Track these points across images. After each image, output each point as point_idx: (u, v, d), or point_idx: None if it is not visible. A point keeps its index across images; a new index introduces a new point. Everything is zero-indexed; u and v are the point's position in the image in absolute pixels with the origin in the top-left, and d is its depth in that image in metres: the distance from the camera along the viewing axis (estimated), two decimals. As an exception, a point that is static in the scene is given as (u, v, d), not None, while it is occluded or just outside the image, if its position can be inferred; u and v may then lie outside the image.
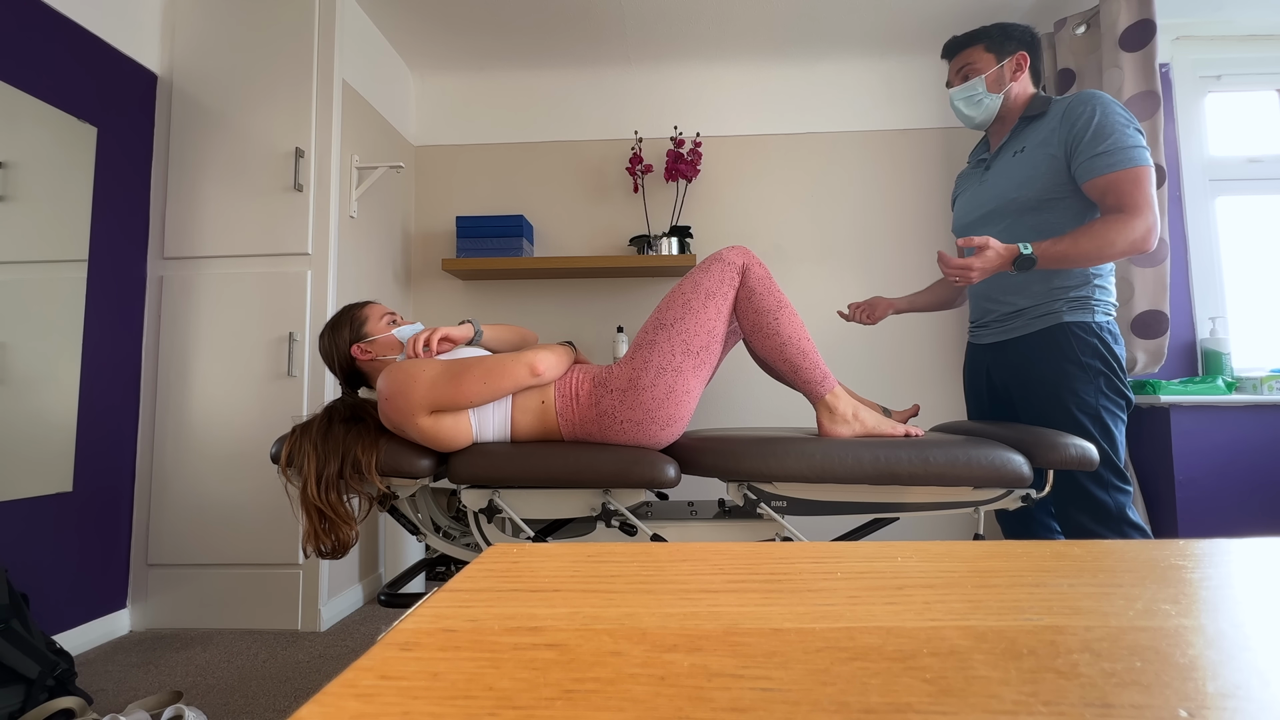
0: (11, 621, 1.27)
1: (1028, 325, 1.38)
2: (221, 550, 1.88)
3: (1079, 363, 1.31)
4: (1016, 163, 1.38)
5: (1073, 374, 1.31)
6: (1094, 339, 1.31)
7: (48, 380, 1.63)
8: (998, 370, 1.47)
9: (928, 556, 0.32)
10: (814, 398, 1.28)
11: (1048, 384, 1.33)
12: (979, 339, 1.52)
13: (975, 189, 1.49)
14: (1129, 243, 1.23)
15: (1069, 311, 1.33)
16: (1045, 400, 1.34)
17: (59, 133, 1.67)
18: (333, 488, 1.18)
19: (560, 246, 2.65)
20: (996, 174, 1.42)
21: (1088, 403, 1.30)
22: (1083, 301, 1.33)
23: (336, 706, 0.18)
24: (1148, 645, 0.21)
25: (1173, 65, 2.39)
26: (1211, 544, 0.34)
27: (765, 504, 1.22)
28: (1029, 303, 1.37)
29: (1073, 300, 1.33)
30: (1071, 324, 1.32)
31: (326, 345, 1.34)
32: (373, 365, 1.32)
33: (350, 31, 2.17)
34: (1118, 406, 1.31)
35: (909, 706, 0.17)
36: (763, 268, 1.26)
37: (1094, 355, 1.30)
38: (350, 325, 1.32)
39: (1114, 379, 1.31)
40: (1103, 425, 1.29)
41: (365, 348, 1.31)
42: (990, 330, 1.48)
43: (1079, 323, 1.32)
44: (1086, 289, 1.33)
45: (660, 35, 2.46)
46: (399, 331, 1.33)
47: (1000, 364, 1.46)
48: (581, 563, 0.32)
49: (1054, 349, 1.33)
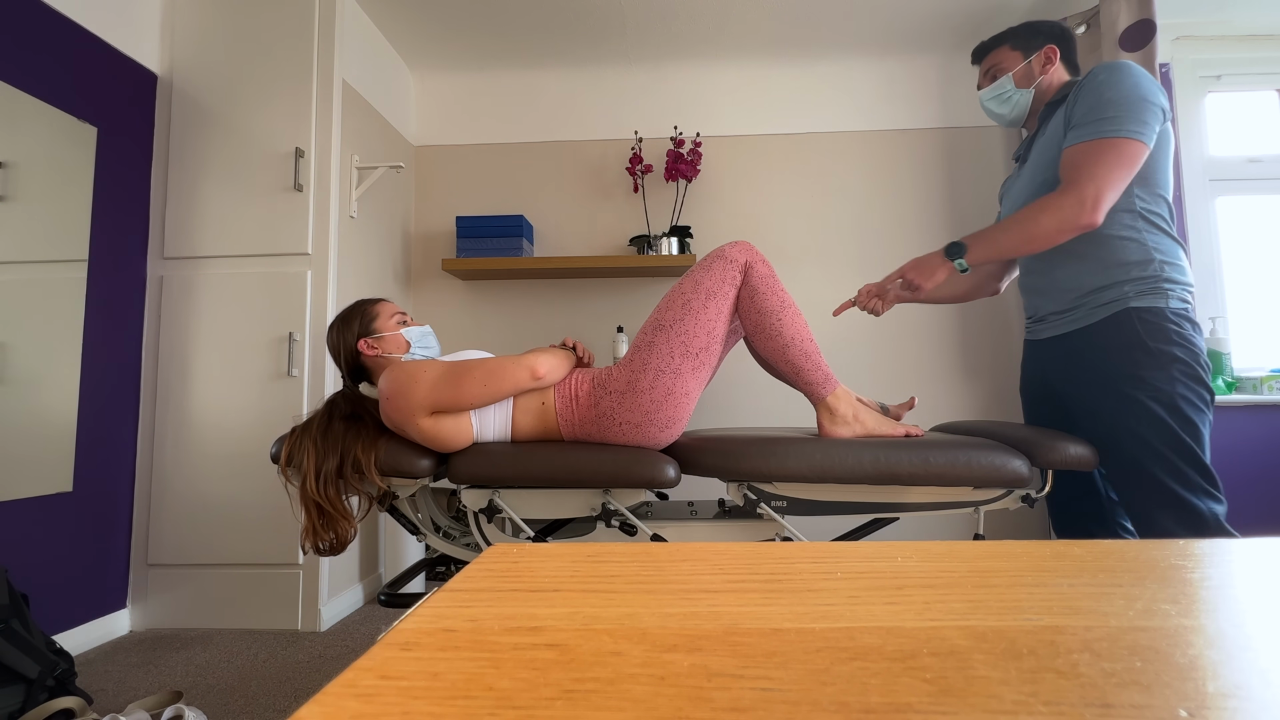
0: (11, 621, 1.27)
1: (1090, 315, 1.22)
2: (221, 550, 1.88)
3: (1147, 348, 1.14)
4: (1039, 149, 1.29)
5: (1140, 359, 1.14)
6: (1168, 325, 1.14)
7: (48, 380, 1.63)
8: (1054, 366, 1.32)
9: (928, 556, 0.32)
10: (815, 399, 1.28)
11: (1112, 373, 1.17)
12: (1036, 334, 1.38)
13: (1013, 186, 1.42)
14: (1057, 221, 1.13)
15: (1136, 296, 1.17)
16: (1109, 392, 1.17)
17: (59, 133, 1.67)
18: (331, 484, 1.19)
19: (560, 246, 2.65)
20: (1029, 166, 1.33)
21: (1162, 390, 1.12)
22: (1151, 284, 1.17)
23: (336, 706, 0.18)
24: (1148, 645, 0.21)
25: (1173, 65, 2.39)
26: (1211, 544, 0.34)
27: (765, 504, 1.22)
28: (1089, 289, 1.22)
29: (1139, 283, 1.17)
30: (1139, 309, 1.16)
31: (334, 337, 1.34)
32: (377, 362, 1.32)
33: (350, 31, 2.17)
34: (1200, 400, 1.13)
35: (909, 706, 0.17)
36: (766, 265, 1.25)
37: (1167, 341, 1.14)
38: (361, 320, 1.32)
39: (1194, 368, 1.13)
40: (1182, 417, 1.12)
41: (373, 343, 1.31)
42: (1048, 324, 1.33)
43: (1148, 308, 1.16)
44: (1152, 268, 1.17)
45: (660, 35, 2.46)
46: (407, 332, 1.33)
47: (1058, 359, 1.31)
48: (581, 563, 0.32)
49: (1118, 335, 1.17)
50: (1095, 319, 1.21)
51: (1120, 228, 1.19)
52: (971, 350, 2.54)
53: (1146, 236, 1.18)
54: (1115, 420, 1.16)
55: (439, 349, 1.40)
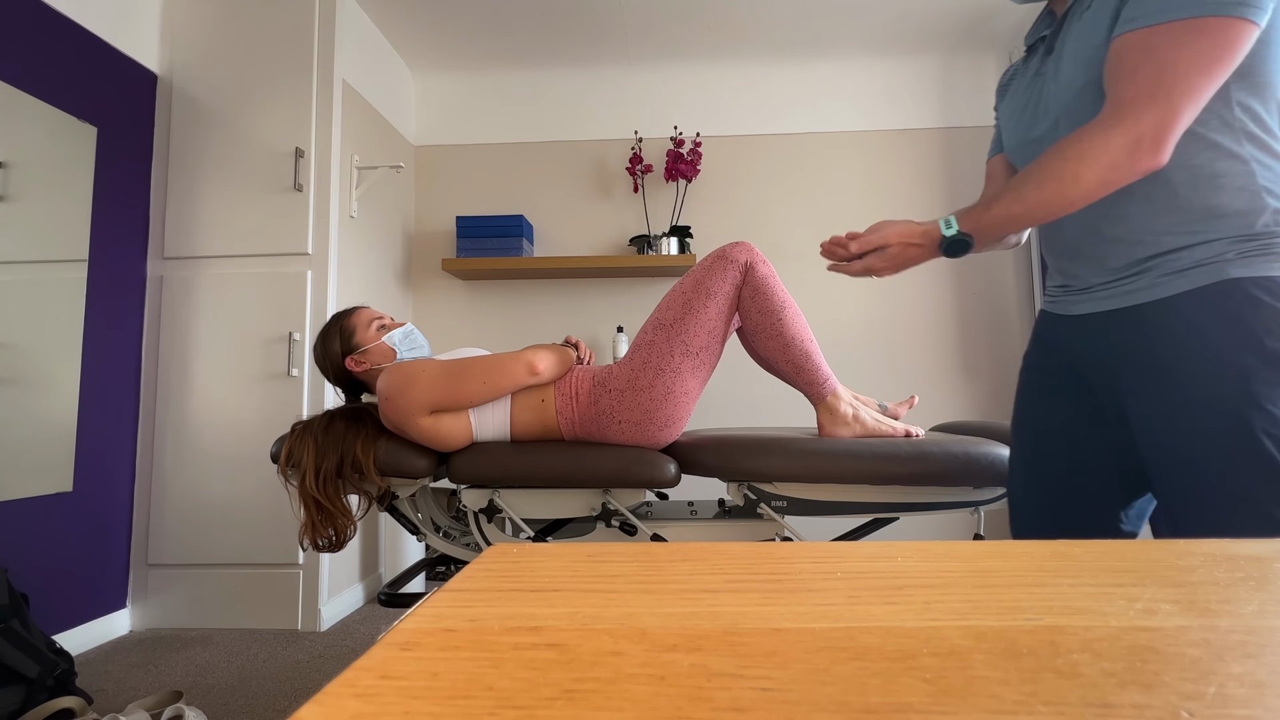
0: (11, 621, 1.27)
1: (1163, 284, 0.77)
2: (221, 550, 1.88)
3: (1263, 348, 0.70)
4: (1082, 31, 0.80)
5: (1254, 370, 0.70)
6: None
7: (48, 380, 1.63)
8: (1094, 355, 0.85)
9: (928, 556, 0.32)
10: (815, 399, 1.28)
11: (1205, 384, 0.73)
12: (1064, 307, 0.90)
13: (1029, 87, 0.89)
14: (1102, 172, 0.71)
15: (1239, 260, 0.73)
16: (1196, 415, 0.73)
17: (59, 133, 1.67)
18: (330, 482, 1.19)
19: (560, 246, 2.65)
20: (1063, 53, 0.83)
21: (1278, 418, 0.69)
22: (1263, 242, 0.73)
23: (336, 706, 0.18)
24: (1148, 645, 0.21)
25: (1173, 65, 2.38)
26: (1211, 544, 0.34)
27: (765, 504, 1.22)
28: (1161, 248, 0.77)
29: (1243, 241, 0.73)
30: (1247, 281, 0.72)
31: (320, 359, 1.33)
32: (368, 374, 1.31)
33: (350, 31, 2.17)
34: None
35: (909, 706, 0.17)
36: (767, 265, 1.25)
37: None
38: (340, 336, 1.31)
39: None
40: None
41: (358, 359, 1.29)
42: (1088, 296, 0.86)
43: (1261, 279, 0.72)
44: (1265, 218, 0.73)
45: (660, 35, 2.46)
46: (389, 338, 1.32)
47: (1101, 347, 0.84)
48: (581, 563, 0.32)
49: (1215, 323, 0.73)
50: (1172, 291, 0.76)
51: (1210, 151, 0.74)
52: (971, 350, 2.54)
53: (1256, 166, 0.74)
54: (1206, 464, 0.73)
55: (427, 345, 1.39)
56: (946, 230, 0.82)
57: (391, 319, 1.36)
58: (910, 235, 0.85)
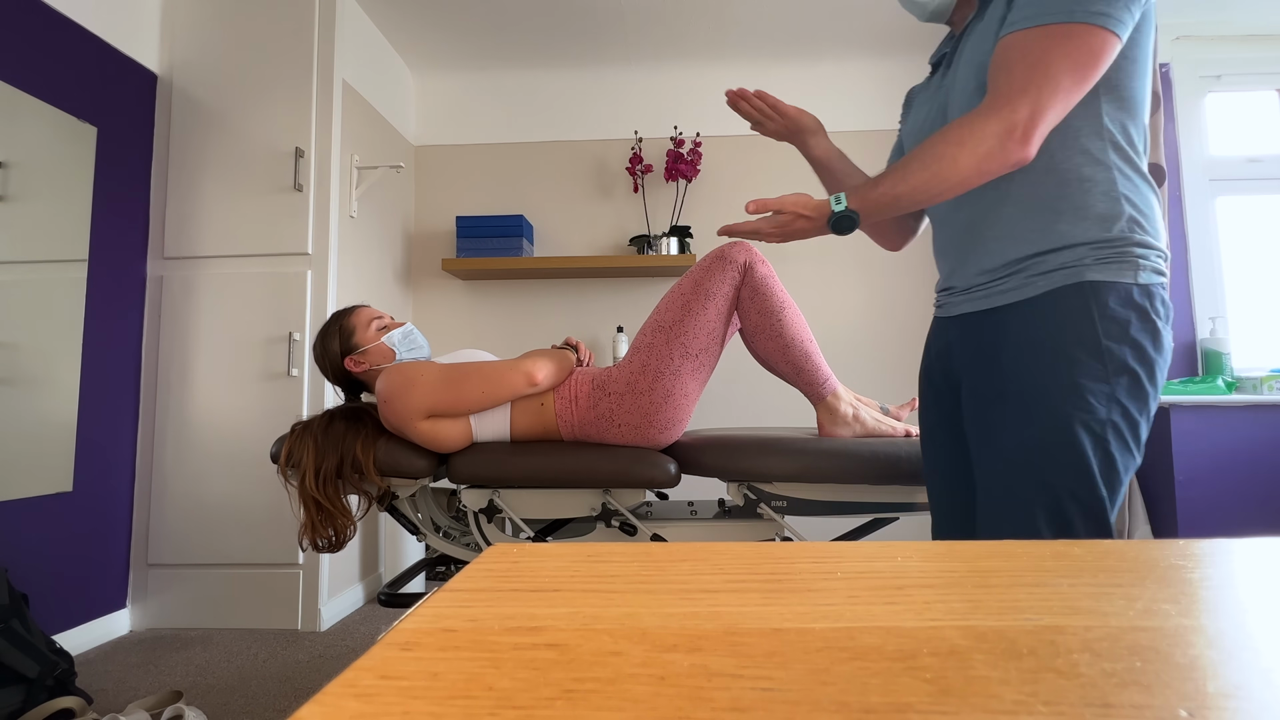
0: (11, 621, 1.27)
1: (1025, 286, 0.82)
2: (221, 550, 1.88)
3: (1098, 347, 0.76)
4: (976, 40, 0.85)
5: (1083, 364, 0.76)
6: (1132, 313, 0.76)
7: (48, 380, 1.63)
8: (961, 355, 0.90)
9: (928, 556, 0.32)
10: (815, 399, 1.28)
11: (1037, 378, 0.78)
12: (947, 309, 0.94)
13: (931, 100, 0.94)
14: (977, 157, 0.75)
15: (1096, 265, 0.78)
16: (1026, 404, 0.78)
17: (59, 133, 1.67)
18: (330, 482, 1.19)
19: (560, 246, 2.65)
20: (960, 66, 0.88)
21: (1096, 416, 0.75)
22: (1118, 249, 0.78)
23: (336, 706, 0.18)
24: (1148, 645, 0.21)
25: (1173, 65, 2.39)
26: (1211, 544, 0.34)
27: (765, 504, 1.22)
28: (1028, 251, 0.82)
29: (1101, 246, 0.78)
30: (1100, 284, 0.77)
31: (320, 359, 1.32)
32: (368, 374, 1.31)
33: (350, 31, 2.17)
34: (1135, 432, 0.77)
35: (909, 706, 0.17)
36: (766, 266, 1.25)
37: (1124, 339, 0.76)
38: (340, 336, 1.30)
39: (1144, 384, 0.76)
40: (1107, 458, 0.75)
41: (358, 359, 1.29)
42: (965, 297, 0.90)
43: (1113, 284, 0.77)
44: (1121, 225, 0.78)
45: (660, 35, 2.46)
46: (389, 339, 1.31)
47: (967, 346, 0.88)
48: (581, 563, 0.32)
49: (1061, 322, 0.78)
50: (1034, 293, 0.81)
51: (1080, 157, 0.80)
52: (971, 350, 2.54)
53: (1118, 175, 0.79)
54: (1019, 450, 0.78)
55: (426, 345, 1.39)
56: (836, 206, 0.83)
57: (391, 318, 1.36)
58: (803, 206, 0.85)
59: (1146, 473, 2.03)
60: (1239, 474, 1.92)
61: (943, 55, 0.96)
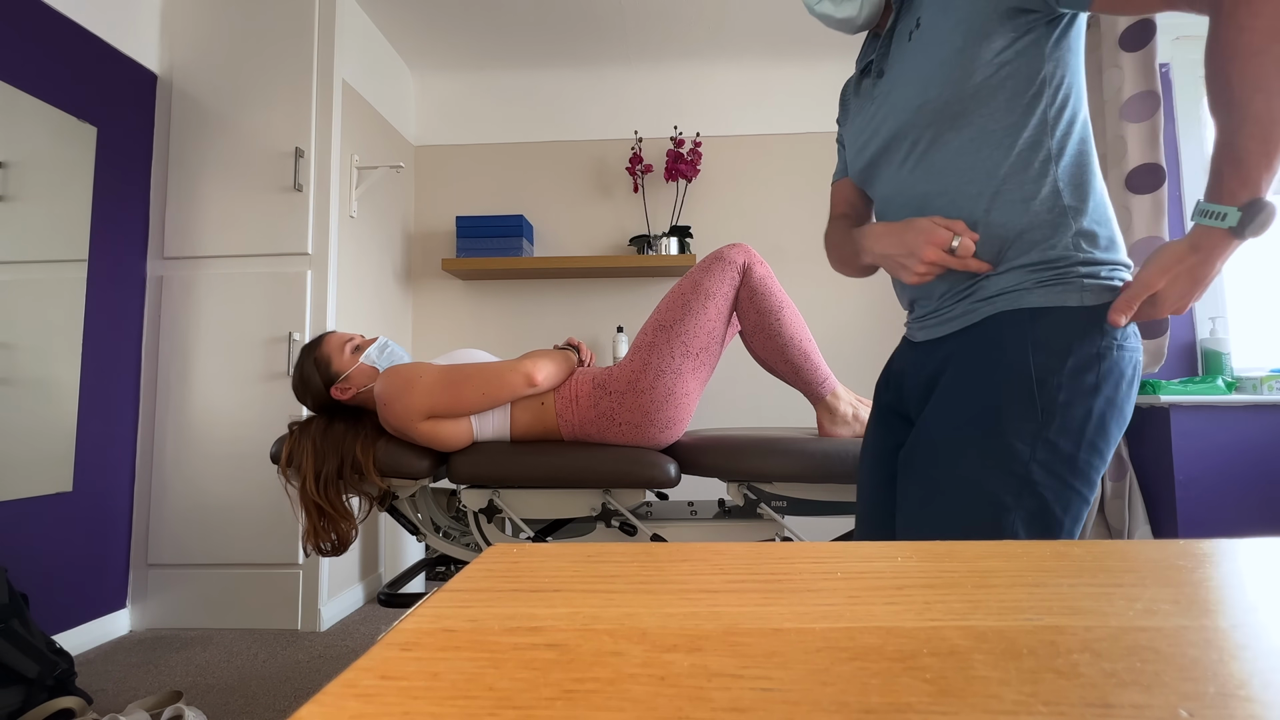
0: (11, 621, 1.27)
1: (971, 312, 0.76)
2: (221, 550, 1.88)
3: (1025, 377, 0.68)
4: (916, 46, 0.78)
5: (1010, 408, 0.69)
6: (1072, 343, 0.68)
7: (48, 380, 1.63)
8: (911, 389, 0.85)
9: (928, 556, 0.32)
10: (814, 398, 1.28)
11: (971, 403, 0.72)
12: (912, 334, 0.88)
13: (867, 110, 0.87)
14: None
15: (1036, 289, 0.71)
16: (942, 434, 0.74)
17: (59, 133, 1.67)
18: (331, 485, 1.19)
19: (560, 246, 2.65)
20: (895, 76, 0.81)
21: (1014, 451, 0.68)
22: (1063, 268, 0.71)
23: (336, 706, 0.18)
24: (1148, 645, 0.21)
25: (1173, 65, 2.39)
26: (1211, 544, 0.34)
27: (765, 504, 1.22)
28: (970, 278, 0.76)
29: (1045, 267, 0.71)
30: (1039, 311, 0.71)
31: (301, 395, 1.29)
32: (359, 397, 1.28)
33: (350, 31, 2.17)
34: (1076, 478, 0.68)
35: (909, 706, 0.17)
36: (764, 266, 1.25)
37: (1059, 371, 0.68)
38: (317, 369, 1.27)
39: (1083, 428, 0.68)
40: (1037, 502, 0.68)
41: (343, 386, 1.26)
42: (921, 325, 0.84)
43: (1051, 309, 0.70)
44: (1066, 241, 0.71)
45: (660, 35, 2.46)
46: (367, 358, 1.28)
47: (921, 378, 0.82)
48: (581, 563, 0.32)
49: (997, 350, 0.72)
50: (977, 318, 0.75)
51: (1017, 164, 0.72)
52: (971, 350, 2.54)
53: (1064, 188, 0.72)
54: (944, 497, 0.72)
55: (405, 353, 1.36)
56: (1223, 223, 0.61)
57: (362, 336, 1.33)
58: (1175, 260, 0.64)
59: (1146, 473, 2.03)
60: (1239, 474, 1.92)
61: (868, 64, 0.88)
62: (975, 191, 0.74)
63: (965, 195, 0.75)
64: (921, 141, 0.78)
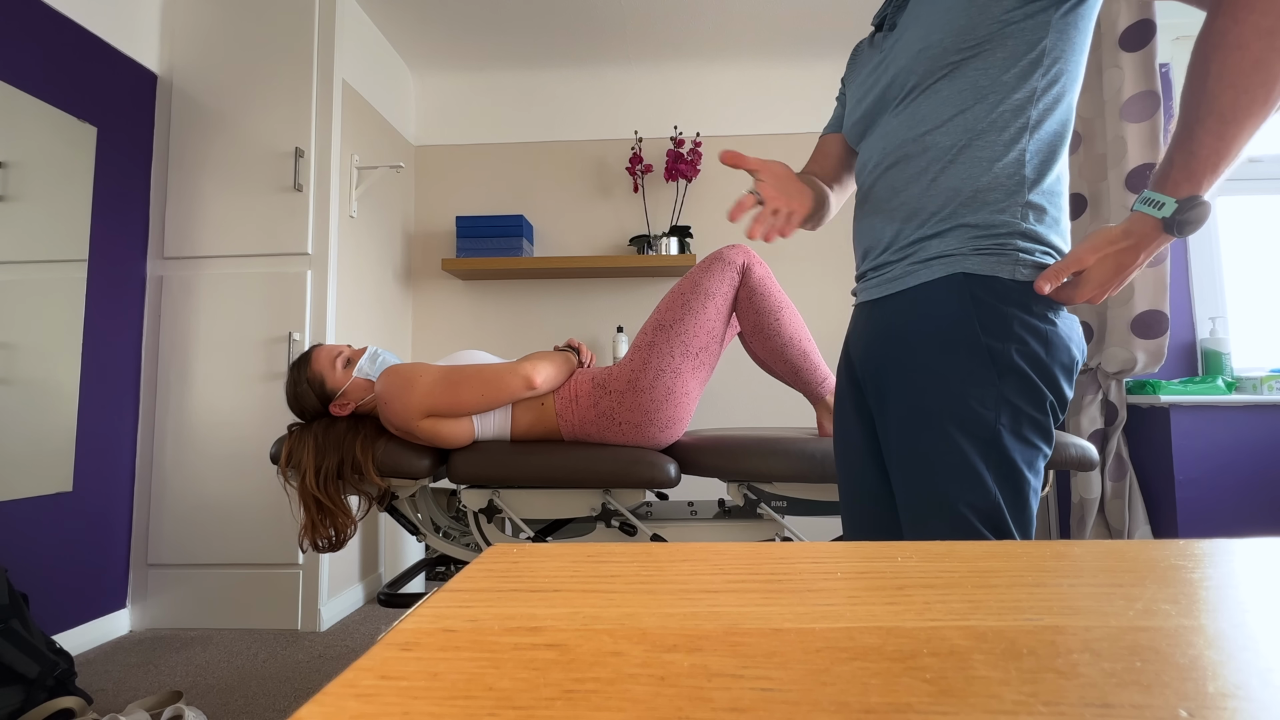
0: (11, 621, 1.27)
1: (910, 274, 0.77)
2: (221, 550, 1.88)
3: (978, 345, 0.70)
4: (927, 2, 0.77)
5: (960, 365, 0.70)
6: (1011, 310, 0.70)
7: (48, 380, 1.63)
8: (860, 354, 0.84)
9: (928, 556, 0.32)
10: (814, 399, 1.28)
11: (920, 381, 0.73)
12: (860, 296, 0.87)
13: (874, 60, 0.86)
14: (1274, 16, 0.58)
15: (974, 256, 0.72)
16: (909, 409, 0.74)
17: (59, 133, 1.67)
18: (331, 481, 1.19)
19: (560, 246, 2.65)
20: (904, 25, 0.80)
21: (981, 416, 0.69)
22: (1004, 237, 0.71)
23: (336, 706, 0.18)
24: (1148, 645, 0.21)
25: (1173, 65, 2.38)
26: (1212, 544, 0.34)
27: (765, 504, 1.22)
28: (921, 231, 0.76)
29: (987, 234, 0.72)
30: (975, 279, 0.71)
31: (299, 414, 1.28)
32: (359, 409, 1.28)
33: (350, 31, 2.17)
34: (1038, 435, 0.71)
35: (909, 706, 0.17)
36: (763, 267, 1.26)
37: (1007, 337, 0.69)
38: (312, 389, 1.26)
39: (1038, 388, 0.70)
40: (1006, 463, 0.70)
41: (341, 403, 1.26)
42: (863, 284, 0.86)
43: (989, 279, 0.71)
44: (1013, 210, 0.72)
45: (660, 35, 2.46)
46: (359, 370, 1.27)
47: (866, 341, 0.83)
48: (581, 563, 0.32)
49: (939, 321, 0.73)
50: (916, 281, 0.76)
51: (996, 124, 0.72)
52: (971, 350, 2.53)
53: (1030, 158, 0.72)
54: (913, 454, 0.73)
55: (394, 355, 1.36)
56: (1160, 212, 0.63)
57: (350, 347, 1.32)
58: (1107, 243, 0.67)
59: (1146, 472, 2.03)
60: (1239, 474, 1.92)
61: (884, 15, 0.87)
62: (949, 144, 0.75)
63: (939, 146, 0.75)
64: (916, 88, 0.77)
